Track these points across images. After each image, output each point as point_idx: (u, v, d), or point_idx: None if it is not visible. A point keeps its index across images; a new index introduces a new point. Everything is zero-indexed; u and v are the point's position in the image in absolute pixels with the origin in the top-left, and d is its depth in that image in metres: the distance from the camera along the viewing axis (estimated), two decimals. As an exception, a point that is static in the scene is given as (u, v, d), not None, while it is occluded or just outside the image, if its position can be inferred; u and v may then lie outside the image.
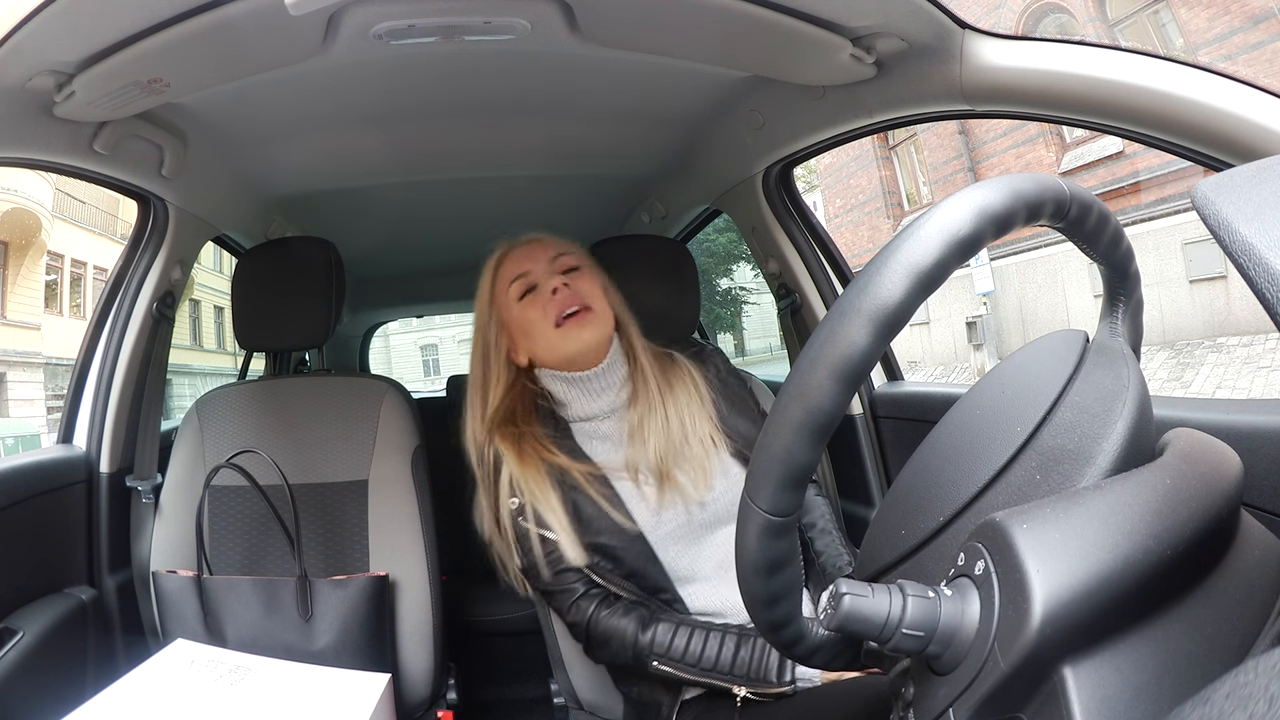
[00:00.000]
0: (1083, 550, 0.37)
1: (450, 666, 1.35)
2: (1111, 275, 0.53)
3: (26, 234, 12.04)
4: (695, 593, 0.99)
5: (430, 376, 20.05)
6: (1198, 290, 7.33)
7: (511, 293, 1.03)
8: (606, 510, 0.97)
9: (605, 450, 1.03)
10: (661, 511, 0.99)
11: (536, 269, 1.03)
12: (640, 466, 1.00)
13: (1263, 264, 0.32)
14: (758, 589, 0.47)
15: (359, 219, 1.86)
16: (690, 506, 0.99)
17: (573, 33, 0.94)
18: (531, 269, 1.03)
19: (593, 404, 1.04)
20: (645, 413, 1.02)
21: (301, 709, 0.91)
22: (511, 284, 1.03)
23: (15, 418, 11.49)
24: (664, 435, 1.00)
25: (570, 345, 1.00)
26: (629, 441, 1.02)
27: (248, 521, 1.29)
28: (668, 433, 1.00)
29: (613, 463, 1.02)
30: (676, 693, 0.97)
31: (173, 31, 0.83)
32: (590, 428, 1.05)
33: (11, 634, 1.04)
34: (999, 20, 8.32)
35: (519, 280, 1.03)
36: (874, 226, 11.38)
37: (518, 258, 1.05)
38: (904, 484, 0.56)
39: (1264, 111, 0.69)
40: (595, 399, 1.04)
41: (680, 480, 0.99)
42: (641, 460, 1.00)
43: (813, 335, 0.43)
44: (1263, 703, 0.22)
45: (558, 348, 1.00)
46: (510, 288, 1.03)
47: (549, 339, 1.00)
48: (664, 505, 0.99)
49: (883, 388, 1.43)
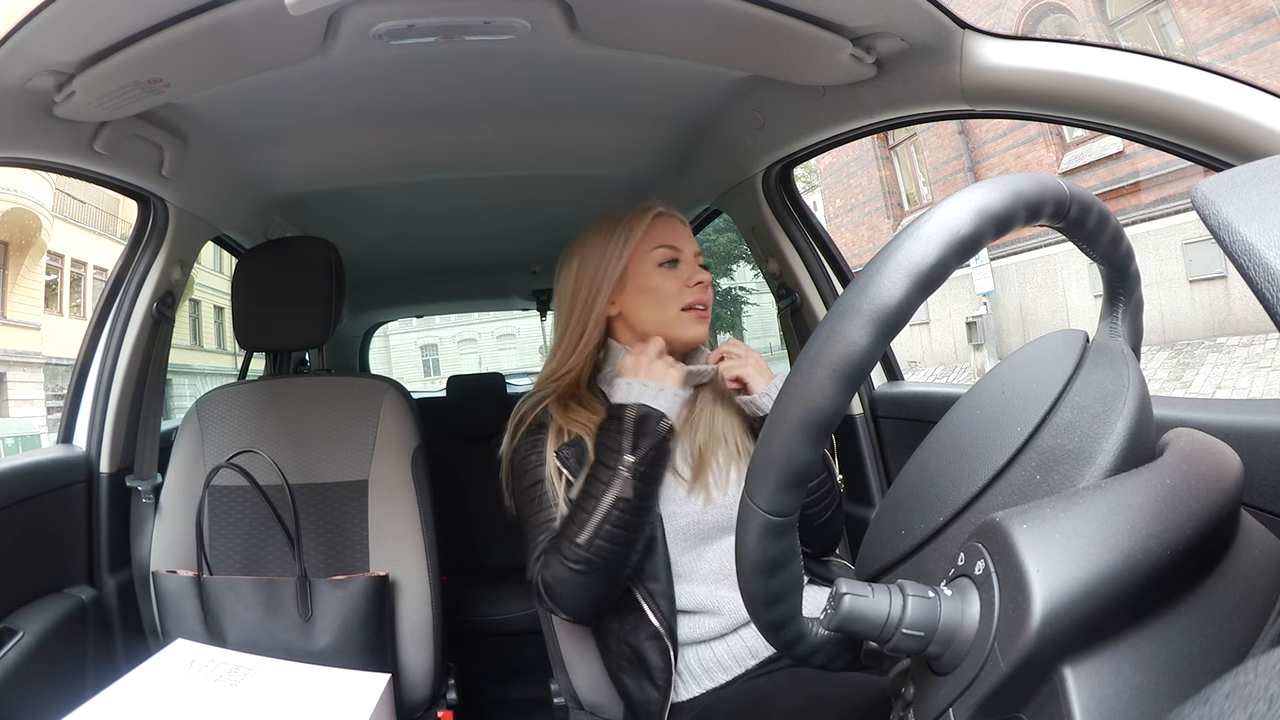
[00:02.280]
0: (1083, 550, 0.37)
1: (450, 666, 1.35)
2: (1111, 275, 0.53)
3: (26, 234, 12.04)
4: (687, 591, 0.99)
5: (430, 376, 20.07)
6: (1198, 290, 7.33)
7: (655, 256, 1.05)
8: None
9: None
10: (682, 504, 1.00)
11: (686, 251, 1.06)
12: (679, 456, 1.03)
13: (1263, 264, 0.32)
14: (758, 589, 0.47)
15: (359, 219, 1.86)
16: (706, 506, 1.00)
17: (573, 33, 0.94)
18: (682, 249, 1.06)
19: None
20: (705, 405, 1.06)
21: (301, 709, 0.91)
22: (658, 248, 1.05)
23: (15, 418, 11.49)
24: (709, 430, 1.04)
25: (687, 333, 1.04)
26: (681, 429, 1.04)
27: (248, 521, 1.29)
28: (713, 428, 1.04)
29: None
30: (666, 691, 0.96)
31: (173, 31, 0.83)
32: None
33: (11, 634, 1.05)
34: (999, 20, 8.32)
35: (666, 249, 1.05)
36: (874, 226, 11.38)
37: (671, 228, 1.07)
38: (904, 484, 0.56)
39: (1264, 111, 0.69)
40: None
41: (709, 476, 1.02)
42: (687, 446, 1.03)
43: (813, 335, 0.43)
44: (1263, 703, 0.22)
45: (673, 328, 1.04)
46: (655, 251, 1.05)
47: (671, 316, 1.04)
48: (688, 498, 1.00)
49: (883, 388, 1.43)
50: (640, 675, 0.98)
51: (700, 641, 1.00)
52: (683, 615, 1.00)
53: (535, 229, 2.12)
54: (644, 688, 0.98)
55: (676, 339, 1.04)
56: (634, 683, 1.00)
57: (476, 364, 20.26)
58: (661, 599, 0.96)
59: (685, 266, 1.06)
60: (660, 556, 0.98)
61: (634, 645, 0.98)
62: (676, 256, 1.05)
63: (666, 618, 0.95)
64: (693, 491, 1.01)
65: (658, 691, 0.97)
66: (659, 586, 0.96)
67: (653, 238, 1.05)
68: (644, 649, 0.97)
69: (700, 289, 1.05)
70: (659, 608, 0.96)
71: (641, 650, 0.97)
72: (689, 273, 1.05)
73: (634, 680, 0.99)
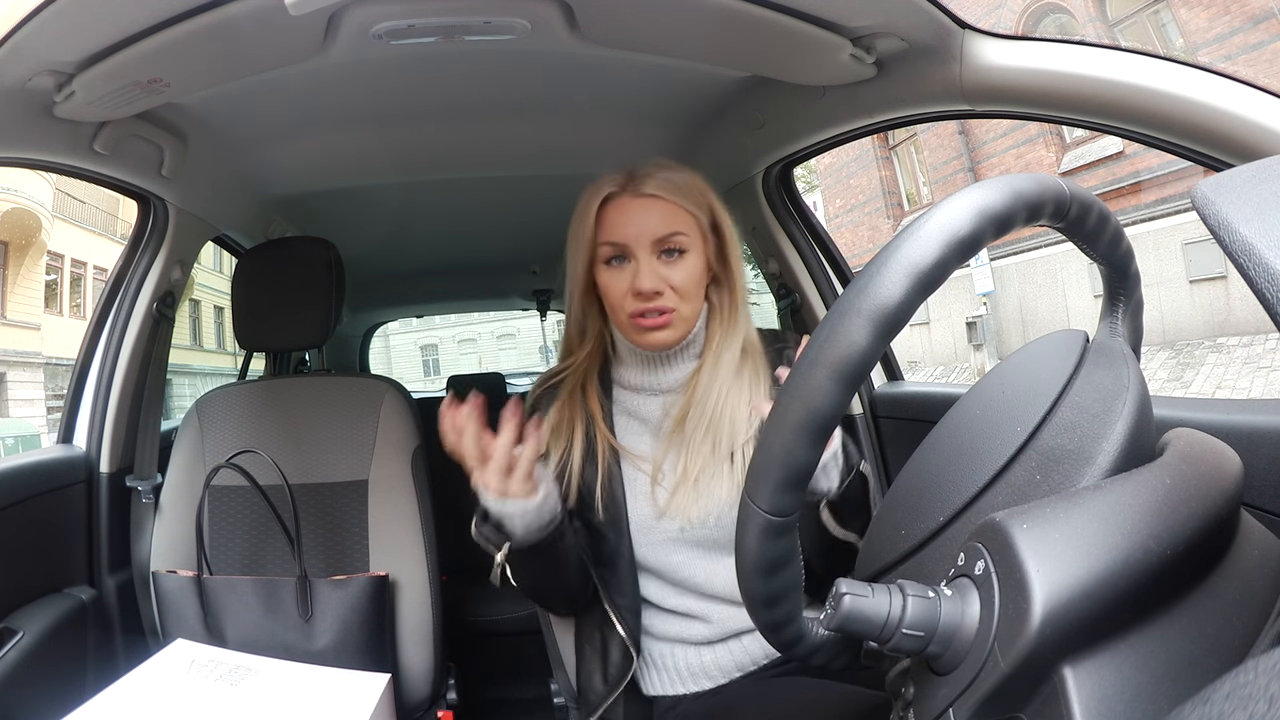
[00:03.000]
0: (1083, 550, 0.37)
1: (450, 666, 1.35)
2: (1111, 275, 0.52)
3: (26, 234, 12.04)
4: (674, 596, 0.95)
5: (430, 376, 20.07)
6: (1198, 290, 7.33)
7: (601, 253, 0.90)
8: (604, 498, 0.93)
9: (636, 432, 0.97)
10: (657, 521, 0.93)
11: (635, 244, 0.89)
12: (666, 462, 0.93)
13: (1263, 264, 0.32)
14: (757, 589, 0.47)
15: (359, 219, 1.86)
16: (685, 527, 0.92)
17: (573, 33, 0.94)
18: (629, 243, 0.89)
19: (646, 378, 0.97)
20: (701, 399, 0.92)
21: (301, 709, 0.91)
22: (602, 245, 0.90)
23: (15, 418, 11.49)
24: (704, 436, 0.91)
25: (641, 340, 0.92)
26: (667, 437, 0.94)
27: (248, 521, 1.29)
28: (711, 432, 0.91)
29: (637, 449, 0.96)
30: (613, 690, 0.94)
31: (173, 31, 0.83)
32: (630, 401, 0.98)
33: (11, 634, 1.05)
34: (999, 20, 8.32)
35: (608, 245, 0.90)
36: (874, 226, 11.37)
37: (619, 214, 0.89)
38: (904, 484, 0.56)
39: (1264, 111, 0.69)
40: (652, 375, 0.97)
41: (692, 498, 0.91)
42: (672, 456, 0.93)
43: (813, 335, 0.43)
44: (1263, 703, 0.22)
45: (629, 334, 0.93)
46: (600, 248, 0.90)
47: (622, 322, 0.92)
48: (667, 513, 0.92)
49: (883, 388, 1.43)
50: (596, 661, 0.96)
51: (688, 643, 0.96)
52: (669, 615, 0.97)
53: (535, 229, 2.11)
54: (593, 676, 0.96)
55: (636, 344, 0.94)
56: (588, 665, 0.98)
57: (476, 364, 20.27)
58: (628, 612, 0.93)
59: (633, 264, 0.89)
60: (625, 574, 0.93)
61: (604, 637, 0.97)
62: (621, 253, 0.89)
63: (632, 629, 0.93)
64: (665, 515, 0.92)
65: (605, 686, 0.95)
66: (625, 601, 0.93)
67: (600, 230, 0.90)
68: (610, 643, 0.96)
69: (643, 299, 0.88)
70: (625, 620, 0.93)
71: (609, 644, 0.96)
72: (634, 274, 0.88)
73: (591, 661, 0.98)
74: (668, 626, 0.97)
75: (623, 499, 0.94)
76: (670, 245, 0.90)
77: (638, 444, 0.97)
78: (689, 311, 0.92)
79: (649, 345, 0.93)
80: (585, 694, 0.98)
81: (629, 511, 0.94)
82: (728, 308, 0.95)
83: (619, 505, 0.94)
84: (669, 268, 0.90)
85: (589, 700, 0.97)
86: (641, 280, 0.88)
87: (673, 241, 0.89)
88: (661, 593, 0.96)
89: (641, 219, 0.89)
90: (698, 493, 0.91)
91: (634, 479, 0.95)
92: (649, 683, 0.99)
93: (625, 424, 0.98)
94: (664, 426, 0.95)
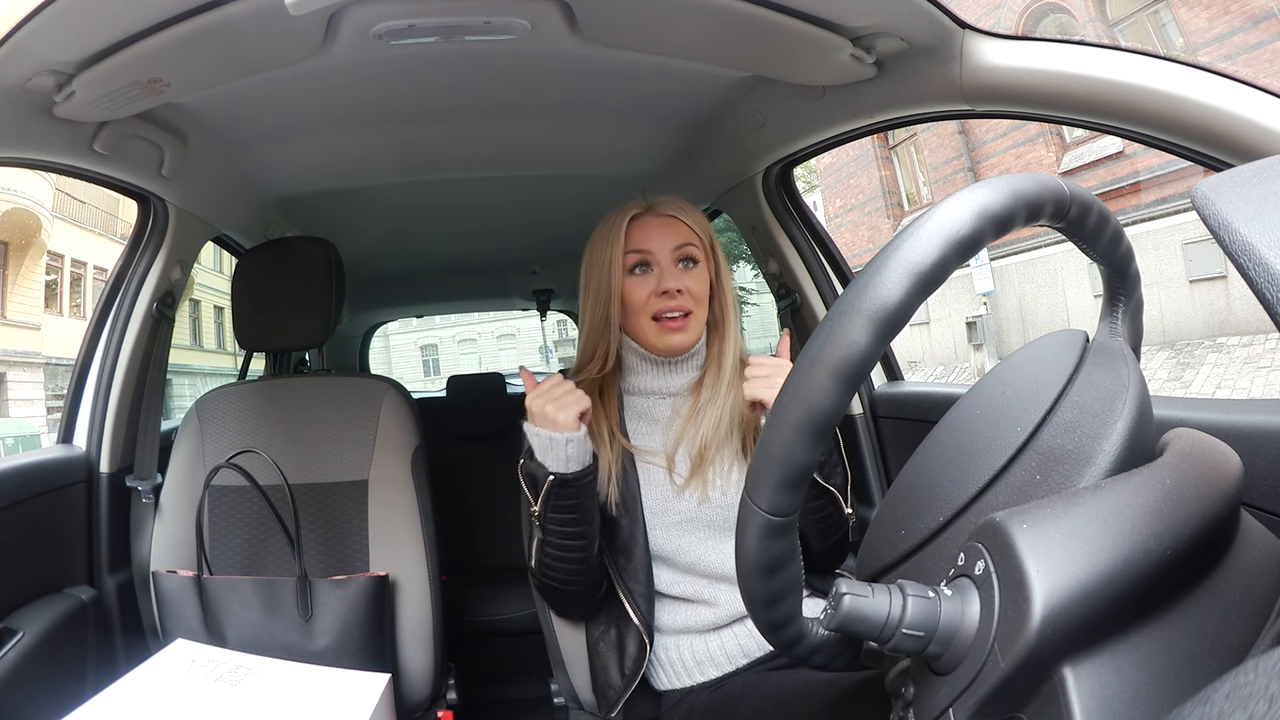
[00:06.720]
0: (1083, 550, 0.37)
1: (450, 666, 1.35)
2: (1111, 275, 0.52)
3: (26, 234, 12.04)
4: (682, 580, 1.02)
5: (430, 376, 20.08)
6: (1198, 290, 7.33)
7: (627, 261, 1.02)
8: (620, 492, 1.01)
9: (646, 432, 1.06)
10: (673, 500, 1.01)
11: (659, 252, 1.02)
12: (679, 452, 1.03)
13: (1263, 264, 0.32)
14: (757, 589, 0.47)
15: (359, 219, 1.86)
16: (702, 504, 1.01)
17: (573, 33, 0.94)
18: (653, 250, 1.02)
19: (657, 382, 1.06)
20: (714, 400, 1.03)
21: (301, 709, 0.91)
22: (628, 254, 1.02)
23: (15, 418, 11.49)
24: (715, 427, 1.02)
25: (659, 343, 1.03)
26: (681, 423, 1.04)
27: (248, 521, 1.28)
28: (720, 424, 1.02)
29: (649, 446, 1.04)
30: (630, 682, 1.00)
31: (173, 31, 0.83)
32: (641, 405, 1.07)
33: (11, 634, 1.05)
34: (999, 20, 8.32)
35: (635, 253, 1.02)
36: (874, 226, 11.38)
37: (643, 229, 1.03)
38: (904, 484, 0.56)
39: (1264, 111, 0.69)
40: (663, 379, 1.06)
41: (709, 473, 1.01)
42: (685, 443, 1.03)
43: (813, 335, 0.43)
44: (1263, 703, 0.22)
45: (648, 337, 1.03)
46: (627, 257, 1.02)
47: (643, 325, 1.02)
48: (679, 495, 1.01)
49: (883, 388, 1.43)
50: (613, 655, 1.03)
51: (694, 632, 1.02)
52: (677, 602, 1.03)
53: (535, 229, 2.12)
54: (609, 671, 1.03)
55: (652, 348, 1.04)
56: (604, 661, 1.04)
57: (476, 364, 20.27)
58: (641, 599, 1.00)
59: (657, 271, 1.02)
60: (639, 560, 1.01)
61: (620, 631, 1.03)
62: (646, 260, 1.02)
63: (645, 617, 1.00)
64: (685, 489, 1.01)
65: (623, 679, 1.01)
66: (639, 588, 1.01)
67: (627, 242, 1.03)
68: (626, 635, 1.02)
69: (667, 298, 1.00)
70: (639, 607, 1.00)
71: (625, 636, 1.02)
72: (659, 279, 1.01)
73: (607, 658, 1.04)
74: (675, 616, 1.03)
75: (637, 490, 1.02)
76: (686, 254, 1.03)
77: (649, 442, 1.05)
78: (701, 316, 1.04)
79: (667, 348, 1.03)
80: (603, 691, 1.04)
81: (644, 500, 1.02)
82: (723, 322, 1.07)
83: (634, 496, 1.02)
84: (685, 275, 1.02)
85: (607, 697, 1.03)
86: (666, 280, 1.01)
87: (688, 251, 1.03)
88: (671, 578, 1.03)
89: (663, 232, 1.03)
90: (713, 470, 1.01)
91: (647, 472, 1.04)
92: (658, 678, 1.04)
93: (636, 426, 1.07)
94: (674, 423, 1.05)
